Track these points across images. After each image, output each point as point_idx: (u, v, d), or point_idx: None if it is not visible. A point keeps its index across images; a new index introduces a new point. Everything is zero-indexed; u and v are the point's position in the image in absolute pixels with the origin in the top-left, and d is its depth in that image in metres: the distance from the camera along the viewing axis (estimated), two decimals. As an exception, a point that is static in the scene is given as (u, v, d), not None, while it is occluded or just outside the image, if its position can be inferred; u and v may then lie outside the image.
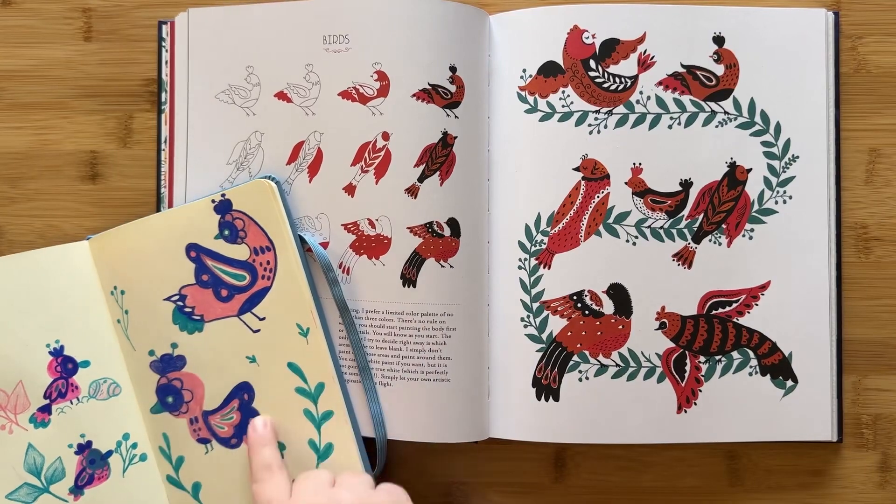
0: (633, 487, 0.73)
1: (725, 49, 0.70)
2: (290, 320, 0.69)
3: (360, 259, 0.70)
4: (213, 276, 0.71)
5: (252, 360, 0.70)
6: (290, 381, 0.70)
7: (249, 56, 0.72)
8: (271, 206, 0.69)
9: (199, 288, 0.71)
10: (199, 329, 0.71)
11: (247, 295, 0.70)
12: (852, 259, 0.72)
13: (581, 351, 0.69)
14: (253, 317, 0.70)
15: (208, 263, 0.71)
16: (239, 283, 0.70)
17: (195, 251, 0.71)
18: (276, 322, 0.70)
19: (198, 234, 0.71)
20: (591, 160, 0.69)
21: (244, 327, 0.70)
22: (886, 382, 0.72)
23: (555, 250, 0.70)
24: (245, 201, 0.70)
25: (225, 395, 0.71)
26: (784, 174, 0.70)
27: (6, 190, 0.75)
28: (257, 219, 0.70)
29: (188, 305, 0.71)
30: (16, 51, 0.75)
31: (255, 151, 0.72)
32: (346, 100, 0.70)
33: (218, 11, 0.72)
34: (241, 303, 0.70)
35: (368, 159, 0.70)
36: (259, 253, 0.70)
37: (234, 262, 0.70)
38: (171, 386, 0.71)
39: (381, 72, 0.69)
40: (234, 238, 0.70)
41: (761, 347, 0.69)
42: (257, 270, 0.70)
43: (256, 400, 0.70)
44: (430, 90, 0.69)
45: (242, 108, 0.72)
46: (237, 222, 0.70)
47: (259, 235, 0.70)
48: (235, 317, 0.70)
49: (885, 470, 0.72)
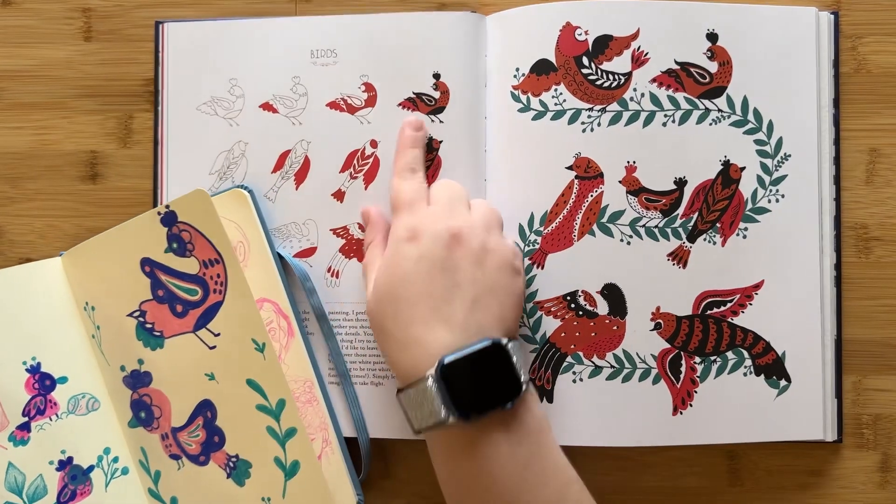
0: (633, 487, 0.73)
1: (719, 46, 0.69)
2: (244, 336, 0.68)
3: (349, 262, 0.71)
4: (168, 291, 0.69)
5: (211, 377, 0.69)
6: (251, 398, 0.68)
7: (233, 69, 0.73)
8: (213, 217, 0.68)
9: (156, 303, 0.70)
10: (160, 345, 0.70)
11: (201, 310, 0.69)
12: (852, 259, 0.71)
13: (575, 352, 0.69)
14: (208, 332, 0.69)
15: (161, 278, 0.69)
16: (192, 298, 0.69)
17: (149, 266, 0.70)
18: (231, 338, 0.68)
19: (149, 248, 0.69)
20: (585, 158, 0.69)
21: (201, 343, 0.69)
22: (886, 382, 0.71)
23: (548, 250, 0.69)
24: (188, 212, 0.68)
25: (189, 412, 0.70)
26: (776, 173, 0.69)
27: (6, 190, 0.76)
28: (202, 230, 0.68)
29: (148, 321, 0.70)
30: (16, 51, 0.76)
31: (239, 161, 0.72)
32: (334, 110, 0.71)
33: (199, 26, 0.73)
34: (196, 318, 0.69)
35: (357, 166, 0.71)
36: (208, 266, 0.68)
37: (186, 275, 0.69)
38: (142, 401, 0.71)
39: (368, 83, 0.71)
40: (183, 251, 0.69)
41: (755, 347, 0.69)
42: (209, 284, 0.68)
43: (220, 417, 0.69)
44: (414, 98, 0.70)
45: (225, 119, 0.73)
46: (184, 234, 0.68)
47: (206, 247, 0.68)
48: (192, 333, 0.69)
49: (885, 470, 0.71)
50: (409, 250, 0.63)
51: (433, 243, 0.63)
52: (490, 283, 0.63)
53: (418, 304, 0.62)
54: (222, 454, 0.69)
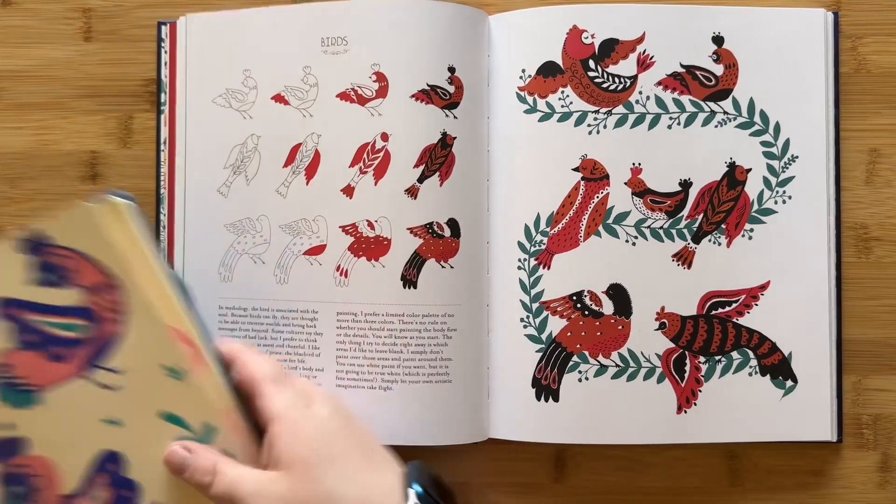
0: (633, 487, 0.73)
1: (725, 49, 0.70)
2: (153, 365, 0.60)
3: (358, 261, 0.69)
4: (40, 334, 0.60)
5: (113, 422, 0.60)
6: (169, 433, 0.60)
7: (247, 60, 0.72)
8: (107, 235, 0.60)
9: (24, 352, 0.60)
10: (37, 401, 0.60)
11: (90, 347, 0.60)
12: (852, 259, 0.72)
13: (581, 351, 0.69)
14: (105, 372, 0.60)
15: (29, 318, 0.60)
16: (75, 335, 0.60)
17: (9, 307, 0.60)
18: (137, 372, 0.60)
19: (4, 285, 0.60)
20: (591, 160, 0.69)
21: (95, 387, 0.60)
22: (886, 382, 0.72)
23: (554, 250, 0.70)
24: (67, 234, 0.60)
25: (86, 472, 0.60)
26: (783, 174, 0.70)
27: (6, 190, 0.75)
28: (87, 251, 0.59)
29: (17, 376, 0.60)
30: (16, 51, 0.75)
31: (252, 155, 0.72)
32: (344, 101, 0.70)
33: (216, 17, 0.72)
34: (85, 358, 0.60)
35: (367, 160, 0.69)
36: (97, 293, 0.60)
37: (64, 309, 0.60)
38: (16, 475, 0.60)
39: (380, 73, 0.69)
40: (59, 280, 0.59)
41: (761, 347, 0.69)
42: (99, 315, 0.60)
43: (130, 467, 0.60)
44: (428, 91, 0.69)
45: (239, 111, 0.72)
46: (59, 260, 0.59)
47: (92, 272, 0.59)
48: (80, 377, 0.60)
49: (885, 470, 0.72)
50: (318, 411, 0.62)
51: (328, 399, 0.64)
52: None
53: (353, 455, 0.61)
54: None
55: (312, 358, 0.70)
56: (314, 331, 0.70)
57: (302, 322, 0.70)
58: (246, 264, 0.71)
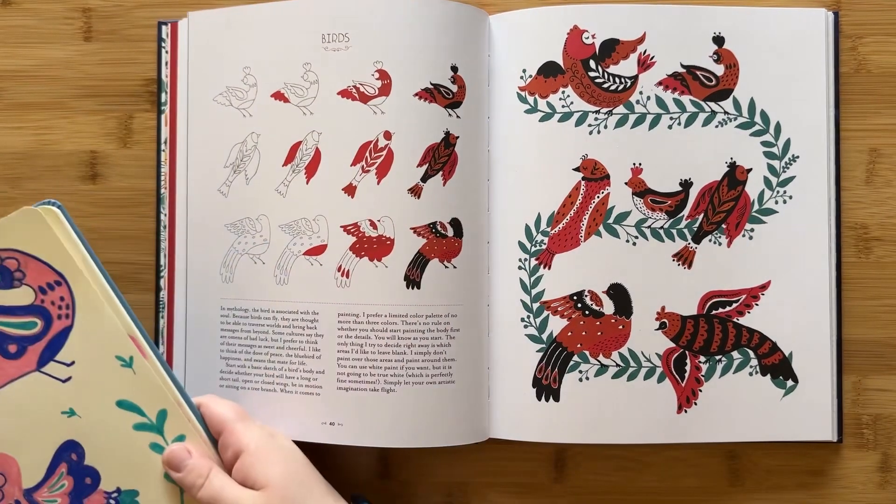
0: (633, 487, 0.73)
1: (725, 49, 0.70)
2: (106, 355, 0.63)
3: (360, 261, 0.69)
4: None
5: (70, 413, 0.63)
6: (125, 420, 0.63)
7: (247, 57, 0.71)
8: (52, 235, 0.62)
9: None
10: None
11: (43, 343, 0.62)
12: (852, 259, 0.72)
13: (581, 351, 0.69)
14: (58, 365, 0.63)
15: None
16: (29, 332, 0.63)
17: None
18: (89, 362, 0.63)
19: None
20: (591, 160, 0.69)
21: (50, 380, 0.63)
22: (886, 382, 0.72)
23: (555, 250, 0.70)
24: (15, 236, 0.62)
25: (46, 463, 0.63)
26: (784, 174, 0.70)
27: (6, 190, 0.75)
28: (37, 252, 0.62)
29: None
30: (16, 51, 0.75)
31: (252, 153, 0.71)
32: (346, 99, 0.69)
33: (219, 14, 0.72)
34: (39, 353, 0.63)
35: (370, 159, 0.69)
36: (47, 291, 0.62)
37: (16, 309, 0.63)
38: None
39: (383, 70, 0.69)
40: (10, 282, 0.62)
41: (761, 347, 0.69)
42: (50, 311, 0.62)
43: (89, 455, 0.63)
44: (432, 89, 0.69)
45: (239, 109, 0.72)
46: (8, 262, 0.62)
47: (43, 271, 0.62)
48: (35, 371, 0.63)
49: (885, 470, 0.72)
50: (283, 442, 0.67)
51: (286, 436, 0.68)
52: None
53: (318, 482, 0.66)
54: (99, 494, 0.63)
55: (313, 360, 0.70)
56: (315, 332, 0.70)
57: (302, 323, 0.70)
58: (246, 265, 0.71)
